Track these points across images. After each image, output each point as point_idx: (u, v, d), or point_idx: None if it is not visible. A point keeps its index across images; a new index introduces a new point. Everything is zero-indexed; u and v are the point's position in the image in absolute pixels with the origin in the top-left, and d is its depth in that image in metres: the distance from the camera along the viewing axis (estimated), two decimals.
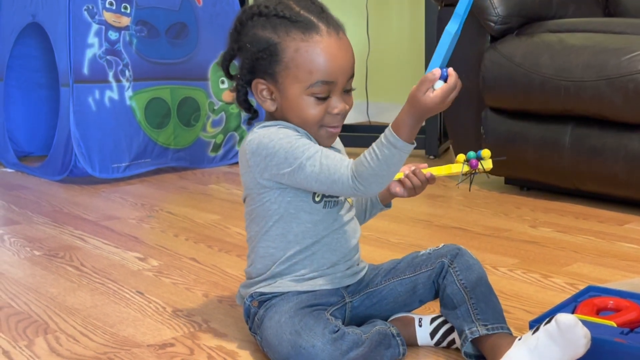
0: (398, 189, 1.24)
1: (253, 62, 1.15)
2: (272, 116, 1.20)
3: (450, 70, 1.05)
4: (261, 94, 1.17)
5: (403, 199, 1.29)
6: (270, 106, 1.18)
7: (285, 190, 1.17)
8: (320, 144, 1.17)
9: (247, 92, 1.20)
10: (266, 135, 1.14)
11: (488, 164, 1.21)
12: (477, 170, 1.19)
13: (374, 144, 1.08)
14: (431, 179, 1.24)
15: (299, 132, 1.16)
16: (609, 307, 1.21)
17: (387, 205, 1.32)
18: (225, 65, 1.22)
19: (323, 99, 1.15)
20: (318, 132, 1.17)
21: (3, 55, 2.98)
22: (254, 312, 1.20)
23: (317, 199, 1.18)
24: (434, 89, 1.05)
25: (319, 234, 1.19)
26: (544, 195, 2.29)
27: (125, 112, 2.67)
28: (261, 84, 1.16)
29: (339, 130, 1.19)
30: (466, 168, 1.20)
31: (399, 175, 1.23)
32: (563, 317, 1.02)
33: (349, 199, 1.24)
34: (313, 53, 1.12)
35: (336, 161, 1.11)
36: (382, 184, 1.10)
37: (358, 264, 1.27)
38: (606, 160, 2.02)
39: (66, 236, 1.97)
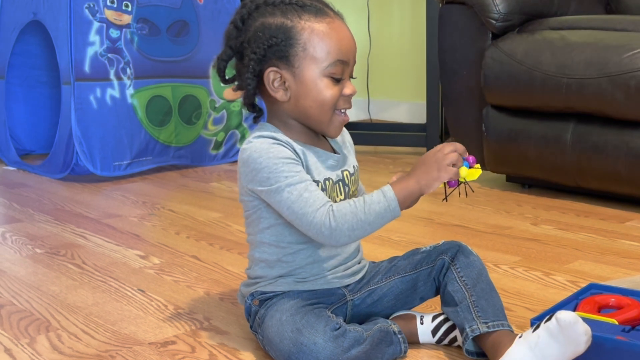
0: None
1: (266, 50, 1.14)
2: (276, 113, 1.19)
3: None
4: (273, 84, 1.16)
5: None
6: (283, 96, 1.16)
7: None
8: (330, 134, 1.20)
9: (256, 86, 1.17)
10: (257, 150, 1.13)
11: (473, 174, 1.15)
12: (461, 182, 1.15)
13: (365, 196, 1.11)
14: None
15: (294, 154, 1.14)
16: (610, 305, 1.21)
17: None
18: (222, 66, 1.19)
19: (338, 81, 1.16)
20: (332, 119, 1.18)
21: (4, 53, 2.98)
22: (254, 311, 1.20)
23: None
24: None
25: (313, 241, 1.18)
26: (546, 192, 2.29)
27: (126, 110, 2.67)
28: (274, 72, 1.15)
29: (348, 118, 1.20)
30: (447, 186, 1.15)
31: None
32: (563, 315, 1.02)
33: None
34: (329, 33, 1.14)
35: (317, 197, 1.11)
36: (355, 236, 1.11)
37: (359, 263, 1.27)
38: (608, 158, 2.02)
39: (68, 234, 1.98)
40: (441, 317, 1.23)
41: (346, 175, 1.22)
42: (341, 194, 1.21)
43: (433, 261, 1.23)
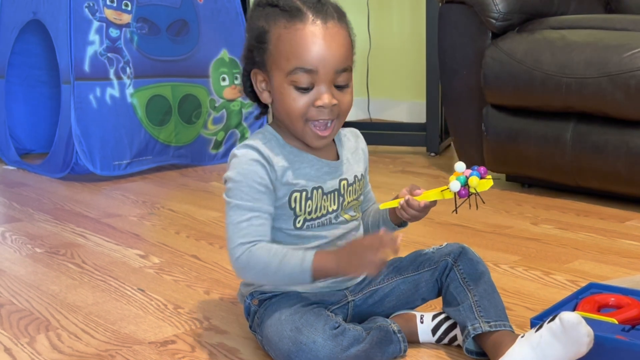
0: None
1: (249, 52, 1.16)
2: (274, 114, 1.20)
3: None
4: (260, 85, 1.17)
5: None
6: (267, 98, 1.17)
7: None
8: (309, 144, 1.16)
9: (251, 83, 1.19)
10: (236, 163, 1.15)
11: (484, 185, 1.13)
12: (472, 193, 1.13)
13: (289, 251, 1.10)
14: (429, 205, 1.18)
15: (271, 171, 1.14)
16: (610, 304, 1.21)
17: (401, 224, 1.26)
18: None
19: (305, 90, 1.12)
20: (304, 129, 1.14)
21: (4, 53, 2.98)
22: (254, 311, 1.20)
23: (298, 225, 1.17)
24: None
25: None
26: (546, 192, 2.29)
27: (126, 109, 2.67)
28: (258, 74, 1.16)
29: (327, 132, 1.14)
30: (460, 198, 1.13)
31: (394, 203, 1.20)
32: (567, 315, 1.02)
33: (345, 215, 1.21)
34: (292, 40, 1.11)
35: (249, 232, 1.12)
36: (258, 281, 1.16)
37: None
38: (608, 157, 2.02)
39: (67, 233, 1.98)
40: (441, 316, 1.23)
41: (343, 184, 1.20)
42: (334, 204, 1.19)
43: (436, 263, 1.23)
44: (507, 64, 2.18)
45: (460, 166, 1.14)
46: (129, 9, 2.70)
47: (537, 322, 1.14)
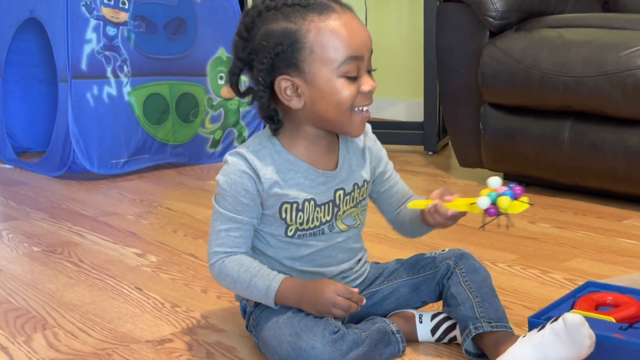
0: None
1: (273, 59, 1.09)
2: (290, 120, 1.15)
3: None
4: (285, 93, 1.10)
5: None
6: (297, 103, 1.11)
7: None
8: (352, 133, 1.15)
9: (269, 98, 1.12)
10: (224, 170, 1.15)
11: (516, 207, 1.05)
12: (502, 213, 1.05)
13: (262, 271, 1.12)
14: (457, 216, 1.13)
15: (258, 184, 1.13)
16: (607, 303, 1.21)
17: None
18: (234, 81, 1.15)
19: (353, 79, 1.10)
20: (351, 118, 1.12)
21: (1, 51, 2.97)
22: (249, 311, 1.20)
23: (289, 234, 1.17)
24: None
25: (295, 257, 1.18)
26: (543, 191, 2.28)
27: (123, 108, 2.67)
28: (285, 80, 1.10)
29: (369, 114, 1.14)
30: (487, 216, 1.06)
31: (423, 204, 1.15)
32: (570, 316, 1.01)
33: (341, 225, 1.19)
34: (337, 30, 1.08)
35: (226, 242, 1.15)
36: (229, 289, 1.17)
37: (360, 268, 1.25)
38: (605, 156, 2.02)
39: (64, 232, 1.97)
40: (441, 316, 1.23)
41: (339, 195, 1.17)
42: (327, 215, 1.17)
43: (437, 266, 1.23)
44: (505, 62, 2.18)
45: (494, 182, 1.07)
46: (126, 7, 2.69)
47: (534, 320, 1.14)
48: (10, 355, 1.22)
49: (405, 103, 3.90)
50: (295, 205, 1.14)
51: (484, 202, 1.05)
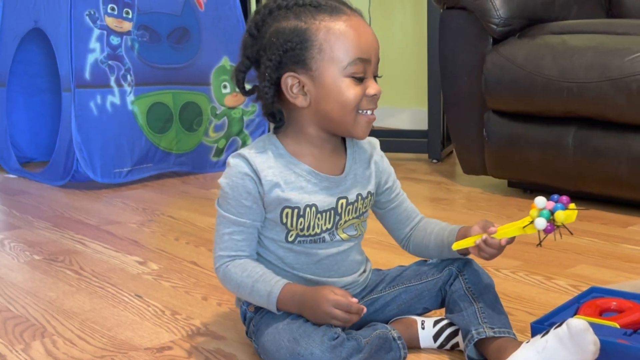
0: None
1: (281, 56, 1.09)
2: (295, 121, 1.15)
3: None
4: (291, 90, 1.11)
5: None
6: (302, 101, 1.11)
7: None
8: (357, 135, 1.14)
9: (274, 94, 1.12)
10: (226, 173, 1.14)
11: (570, 217, 1.06)
12: (557, 227, 1.06)
13: (264, 276, 1.12)
14: (509, 242, 1.11)
15: (259, 186, 1.12)
16: (612, 309, 1.20)
17: (466, 253, 1.19)
18: (241, 77, 1.15)
19: (360, 80, 1.11)
20: (356, 120, 1.12)
21: (6, 61, 2.98)
22: (249, 317, 1.19)
23: (290, 239, 1.16)
24: None
25: (296, 264, 1.17)
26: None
27: (127, 117, 2.67)
28: (292, 77, 1.10)
29: (375, 117, 1.14)
30: (542, 232, 1.05)
31: (469, 242, 1.13)
32: (575, 322, 1.00)
33: (342, 234, 1.18)
34: (346, 31, 1.09)
35: (230, 246, 1.15)
36: (234, 293, 1.18)
37: (362, 274, 1.24)
38: (610, 162, 2.01)
39: (66, 240, 1.97)
40: (443, 322, 1.21)
41: (341, 203, 1.16)
42: (328, 223, 1.16)
43: (440, 272, 1.22)
44: (508, 69, 2.17)
45: (540, 201, 1.06)
46: (130, 16, 2.70)
47: (537, 326, 1.13)
48: None
49: (409, 111, 3.90)
50: (296, 210, 1.13)
51: (541, 223, 1.05)
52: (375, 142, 1.26)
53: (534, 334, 1.12)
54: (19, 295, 1.54)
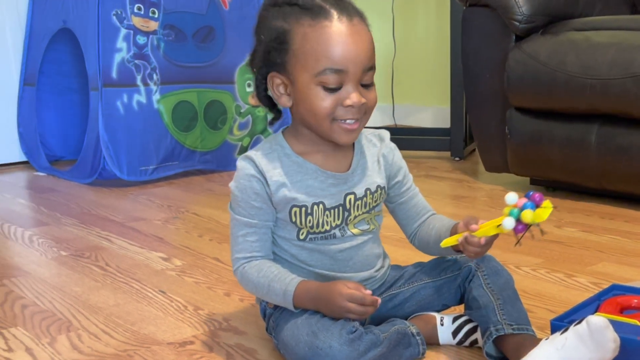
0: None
1: (266, 54, 1.11)
2: (292, 119, 1.17)
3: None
4: (277, 89, 1.12)
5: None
6: (286, 102, 1.12)
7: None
8: (338, 142, 1.12)
9: (265, 87, 1.14)
10: (235, 175, 1.16)
11: (540, 216, 1.01)
12: (529, 225, 1.01)
13: (278, 276, 1.13)
14: (490, 240, 1.10)
15: (266, 187, 1.13)
16: (632, 306, 1.20)
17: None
18: (250, 60, 1.17)
19: (333, 90, 1.08)
20: (331, 127, 1.10)
21: (35, 61, 3.03)
22: (269, 313, 1.20)
23: (301, 237, 1.17)
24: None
25: (310, 261, 1.18)
26: (570, 195, 2.26)
27: (152, 115, 2.70)
28: (276, 77, 1.11)
29: (355, 126, 1.10)
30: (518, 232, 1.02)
31: (453, 240, 1.12)
32: (594, 319, 1.00)
33: (353, 229, 1.18)
34: (319, 38, 1.06)
35: (244, 248, 1.16)
36: (253, 294, 1.20)
37: (380, 270, 1.25)
38: (633, 159, 1.99)
39: (93, 237, 2.00)
40: (462, 319, 1.22)
41: (349, 199, 1.16)
42: (337, 219, 1.16)
43: (459, 268, 1.22)
44: (531, 66, 2.16)
45: (511, 198, 1.03)
46: (156, 16, 2.73)
47: (557, 323, 1.13)
48: (34, 357, 1.24)
49: (432, 109, 3.89)
50: (304, 209, 1.14)
51: (509, 222, 1.02)
52: (385, 134, 1.24)
53: (553, 331, 1.11)
54: (46, 290, 1.57)
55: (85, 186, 2.69)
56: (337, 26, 1.06)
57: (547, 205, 1.02)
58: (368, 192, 1.18)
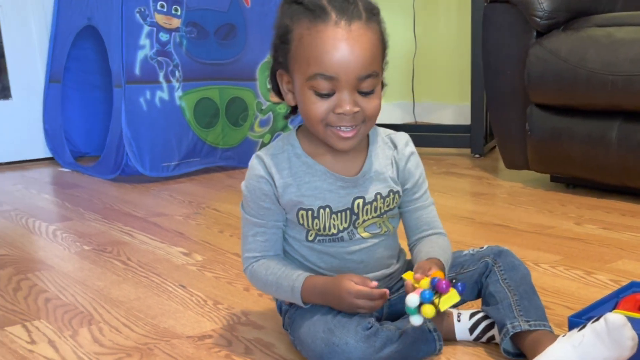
0: None
1: (274, 51, 1.10)
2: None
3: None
4: (285, 87, 1.11)
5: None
6: (291, 100, 1.11)
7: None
8: (333, 147, 1.10)
9: (277, 83, 1.13)
10: (247, 174, 1.17)
11: (444, 303, 0.98)
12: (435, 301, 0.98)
13: (286, 273, 1.14)
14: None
15: (273, 187, 1.13)
16: None
17: None
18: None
19: (325, 95, 1.05)
20: (326, 133, 1.08)
21: (61, 58, 3.07)
22: (285, 310, 1.21)
23: (310, 238, 1.16)
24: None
25: (320, 263, 1.18)
26: (590, 192, 2.25)
27: (175, 112, 2.73)
28: (282, 75, 1.10)
29: (351, 133, 1.07)
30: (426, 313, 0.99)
31: (410, 276, 1.05)
32: (612, 317, 0.99)
33: (363, 233, 1.16)
34: (312, 43, 1.03)
35: (254, 247, 1.18)
36: (264, 292, 1.22)
37: (395, 266, 1.24)
38: None
39: (115, 232, 2.03)
40: (479, 315, 1.21)
41: (357, 203, 1.14)
42: (344, 223, 1.15)
43: (476, 264, 1.21)
44: (552, 62, 2.15)
45: (410, 301, 0.99)
46: (179, 13, 2.76)
47: (575, 320, 1.13)
48: (56, 349, 1.27)
49: (453, 107, 3.88)
50: (310, 212, 1.13)
51: (415, 320, 1.00)
52: (400, 139, 1.20)
53: (571, 328, 1.11)
54: (69, 284, 1.60)
55: (108, 182, 2.73)
56: (332, 31, 1.02)
57: (453, 294, 0.99)
58: (379, 196, 1.16)
